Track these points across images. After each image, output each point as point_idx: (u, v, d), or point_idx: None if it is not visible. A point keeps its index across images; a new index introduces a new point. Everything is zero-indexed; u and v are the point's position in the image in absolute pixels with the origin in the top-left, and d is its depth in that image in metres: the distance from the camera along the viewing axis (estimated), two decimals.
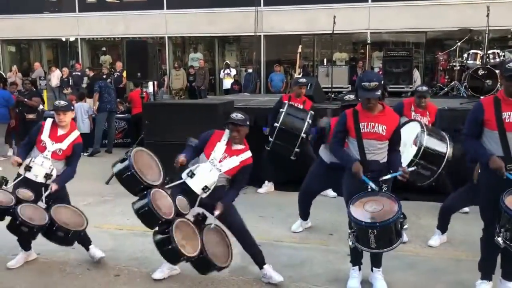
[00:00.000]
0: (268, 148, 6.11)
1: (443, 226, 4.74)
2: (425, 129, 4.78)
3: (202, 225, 3.72)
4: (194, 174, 3.71)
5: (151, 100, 9.33)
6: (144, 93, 8.28)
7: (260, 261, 3.91)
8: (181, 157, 3.72)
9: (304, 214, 5.16)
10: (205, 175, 3.72)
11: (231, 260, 3.77)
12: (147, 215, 3.54)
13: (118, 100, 11.23)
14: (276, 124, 5.95)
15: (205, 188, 3.71)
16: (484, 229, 3.56)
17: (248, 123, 3.79)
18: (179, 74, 14.58)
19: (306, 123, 5.85)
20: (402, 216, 3.36)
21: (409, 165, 4.84)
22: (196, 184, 3.72)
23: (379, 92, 3.52)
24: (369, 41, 11.12)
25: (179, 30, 15.54)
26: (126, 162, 3.62)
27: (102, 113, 9.60)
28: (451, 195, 4.76)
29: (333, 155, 3.98)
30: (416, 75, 11.37)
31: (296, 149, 5.96)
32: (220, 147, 3.79)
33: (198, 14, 14.80)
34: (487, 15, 8.64)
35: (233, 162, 3.76)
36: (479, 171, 3.62)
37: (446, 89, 8.95)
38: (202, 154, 3.82)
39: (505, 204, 3.17)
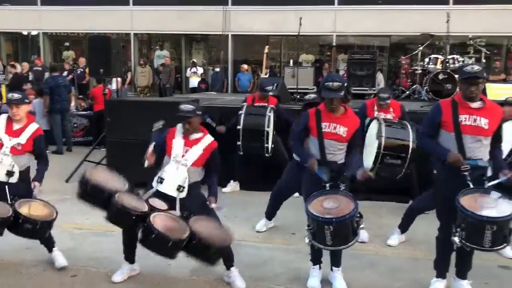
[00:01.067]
0: (241, 153, 6.11)
1: (405, 226, 4.83)
2: (382, 122, 4.98)
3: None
4: (163, 179, 3.69)
5: (114, 97, 9.15)
6: (107, 90, 8.10)
7: (229, 263, 3.87)
8: (150, 155, 3.68)
9: (271, 214, 5.19)
10: (174, 175, 3.68)
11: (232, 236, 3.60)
12: (118, 215, 3.45)
13: (81, 96, 10.95)
14: (238, 127, 5.97)
15: (179, 188, 3.66)
16: (440, 228, 3.67)
17: (199, 112, 3.74)
18: (144, 71, 14.36)
19: (267, 117, 5.88)
20: (358, 215, 3.42)
21: (376, 158, 5.04)
22: (169, 187, 3.68)
23: (342, 93, 3.58)
24: (334, 44, 11.27)
25: (145, 26, 15.31)
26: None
27: (55, 114, 9.22)
28: (420, 197, 4.86)
29: (293, 151, 4.03)
30: (380, 78, 11.60)
31: (266, 145, 5.99)
32: (177, 142, 3.73)
33: (165, 11, 14.62)
34: (447, 21, 8.92)
35: (197, 151, 3.71)
36: (435, 171, 3.71)
37: (408, 92, 9.16)
38: (165, 157, 3.76)
39: (460, 204, 3.26)
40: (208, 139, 3.79)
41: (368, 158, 5.23)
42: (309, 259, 3.93)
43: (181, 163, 3.68)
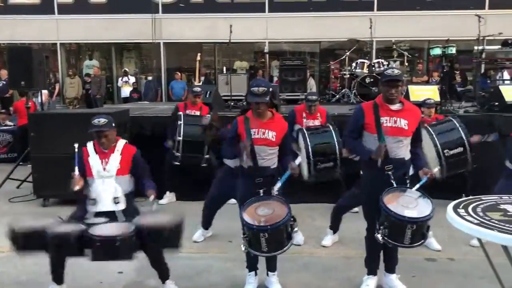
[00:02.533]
0: (178, 163, 6.03)
1: (335, 226, 4.98)
2: (305, 131, 5.14)
3: None
4: (95, 199, 3.57)
5: (39, 110, 8.69)
6: (30, 103, 7.68)
7: (164, 277, 3.77)
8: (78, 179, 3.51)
9: (207, 223, 5.14)
10: (103, 190, 3.57)
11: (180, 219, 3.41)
12: (58, 244, 3.25)
13: (3, 111, 10.32)
14: (179, 138, 5.90)
15: (115, 200, 3.56)
16: (368, 227, 3.79)
17: (114, 124, 3.65)
18: (73, 82, 13.79)
19: None
20: (292, 219, 3.47)
21: (308, 166, 5.17)
22: (104, 204, 3.57)
23: (267, 98, 3.62)
24: (266, 51, 11.46)
25: (72, 36, 14.71)
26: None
27: None
28: (344, 196, 5.01)
29: (224, 156, 4.02)
30: (312, 83, 11.91)
31: (206, 156, 5.99)
32: (93, 159, 3.63)
33: (92, 20, 14.14)
34: (370, 27, 9.34)
35: (115, 159, 3.63)
36: (361, 172, 3.84)
37: (337, 96, 9.47)
38: (89, 179, 3.63)
39: (384, 204, 3.39)
40: (121, 143, 3.72)
41: (303, 168, 5.36)
42: (245, 266, 3.93)
43: (105, 176, 3.58)
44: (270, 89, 3.70)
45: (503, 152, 4.60)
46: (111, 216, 3.53)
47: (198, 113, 6.30)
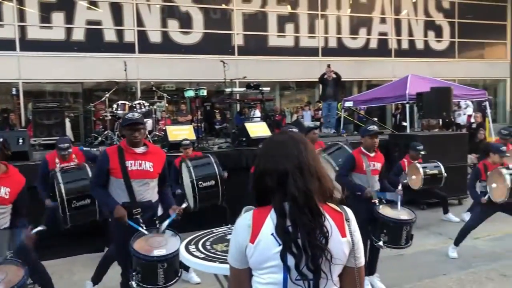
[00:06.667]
0: None
1: (98, 277, 4.62)
2: (58, 170, 4.96)
3: None
4: None
5: None
6: None
7: None
8: None
9: None
10: None
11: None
12: None
13: None
14: None
15: None
16: (122, 274, 3.71)
17: None
18: None
19: None
20: (31, 281, 3.13)
21: (62, 206, 4.78)
22: None
23: None
24: (14, 92, 10.39)
25: None
26: None
27: None
28: (111, 247, 4.76)
29: None
30: (68, 125, 11.25)
31: None
32: None
33: None
34: (125, 70, 9.51)
35: None
36: (110, 219, 3.73)
37: (100, 138, 9.16)
38: None
39: (133, 248, 3.35)
40: None
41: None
42: None
43: None
44: (1, 139, 3.32)
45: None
46: None
47: None
